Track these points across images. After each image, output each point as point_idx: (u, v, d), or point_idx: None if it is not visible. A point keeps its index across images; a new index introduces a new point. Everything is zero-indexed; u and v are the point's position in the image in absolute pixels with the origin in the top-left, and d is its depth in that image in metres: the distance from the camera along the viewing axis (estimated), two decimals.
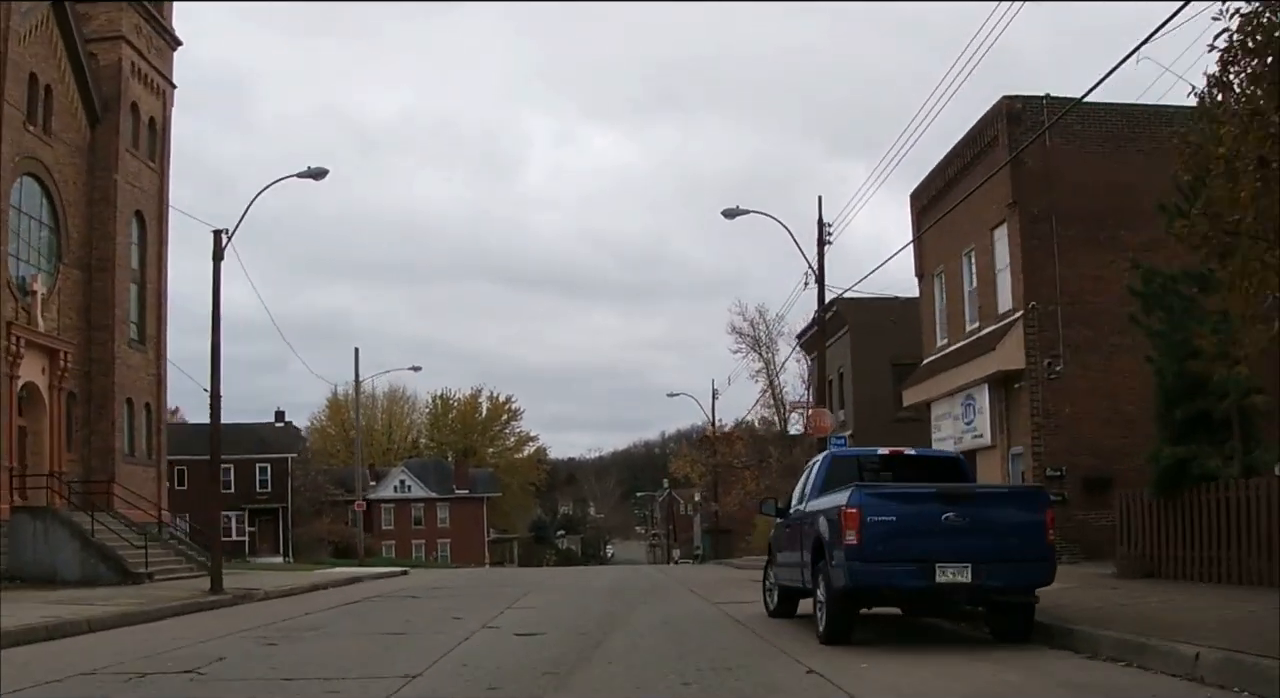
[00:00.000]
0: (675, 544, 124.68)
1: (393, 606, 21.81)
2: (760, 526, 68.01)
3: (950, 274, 29.29)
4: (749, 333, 61.58)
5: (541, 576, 38.00)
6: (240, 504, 77.57)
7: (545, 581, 32.16)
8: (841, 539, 11.87)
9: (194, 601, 23.38)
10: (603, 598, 22.26)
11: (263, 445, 78.71)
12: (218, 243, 27.44)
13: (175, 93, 43.07)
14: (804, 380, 62.24)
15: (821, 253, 30.59)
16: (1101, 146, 25.28)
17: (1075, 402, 24.40)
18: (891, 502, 11.83)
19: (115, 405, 37.62)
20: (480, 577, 38.91)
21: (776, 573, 16.22)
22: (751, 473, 62.30)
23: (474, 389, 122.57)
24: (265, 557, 74.82)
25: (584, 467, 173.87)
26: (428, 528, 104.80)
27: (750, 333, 61.65)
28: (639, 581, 30.51)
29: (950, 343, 29.28)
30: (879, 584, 11.79)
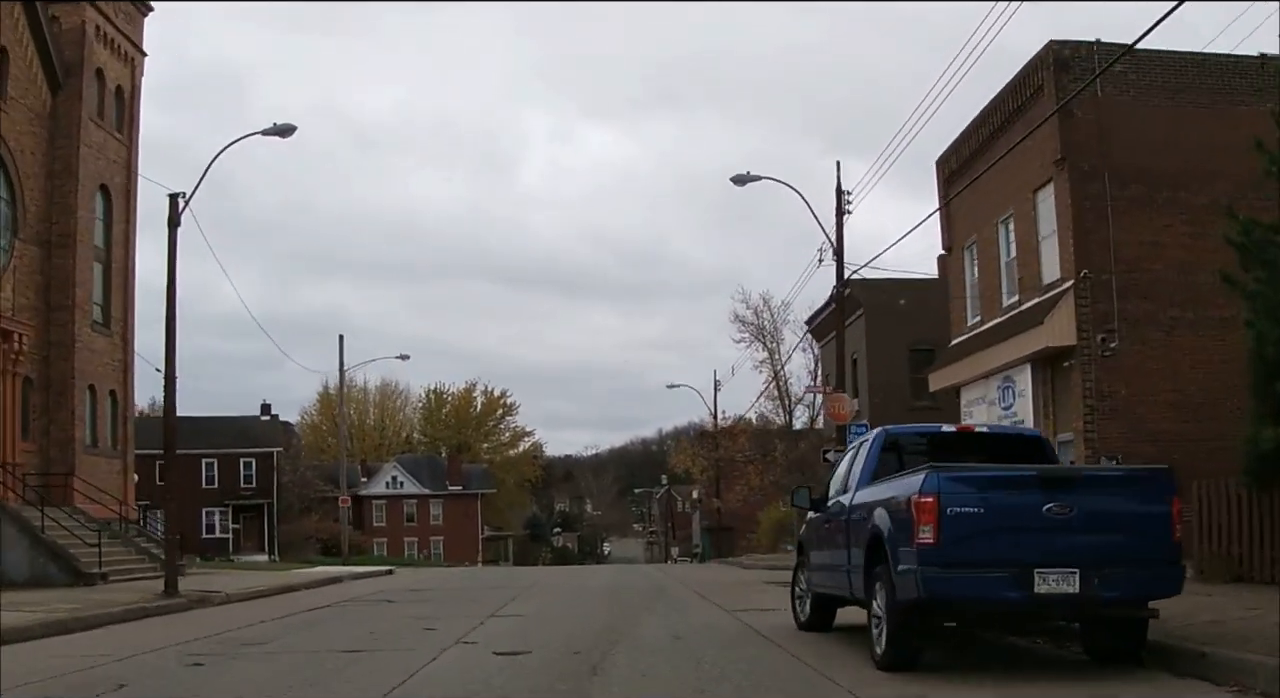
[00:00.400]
0: (674, 542, 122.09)
1: (362, 613, 19.13)
2: (764, 522, 65.38)
3: (984, 245, 26.58)
4: (753, 321, 58.91)
5: (535, 576, 35.35)
6: (223, 500, 74.95)
7: (538, 581, 29.51)
8: (912, 538, 9.18)
9: (140, 606, 20.74)
10: (601, 604, 19.62)
11: (247, 439, 76.01)
12: (174, 208, 24.78)
13: (146, 61, 40.35)
14: (810, 371, 59.59)
15: (840, 223, 27.97)
16: (1158, 98, 22.60)
17: (1131, 382, 21.72)
18: (979, 489, 9.15)
19: (76, 392, 34.88)
20: (470, 577, 36.28)
21: (810, 578, 13.54)
22: (755, 468, 59.59)
23: (468, 383, 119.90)
24: (250, 555, 72.17)
25: (581, 464, 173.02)
26: (420, 525, 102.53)
27: (754, 321, 59.01)
28: (639, 582, 27.87)
29: (984, 321, 26.58)
30: (961, 596, 9.11)
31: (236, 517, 75.69)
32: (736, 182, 28.26)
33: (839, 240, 27.86)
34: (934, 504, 8.99)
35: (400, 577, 37.43)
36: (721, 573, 35.33)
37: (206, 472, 75.05)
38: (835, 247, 27.89)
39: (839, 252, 27.86)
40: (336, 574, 36.48)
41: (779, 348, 58.97)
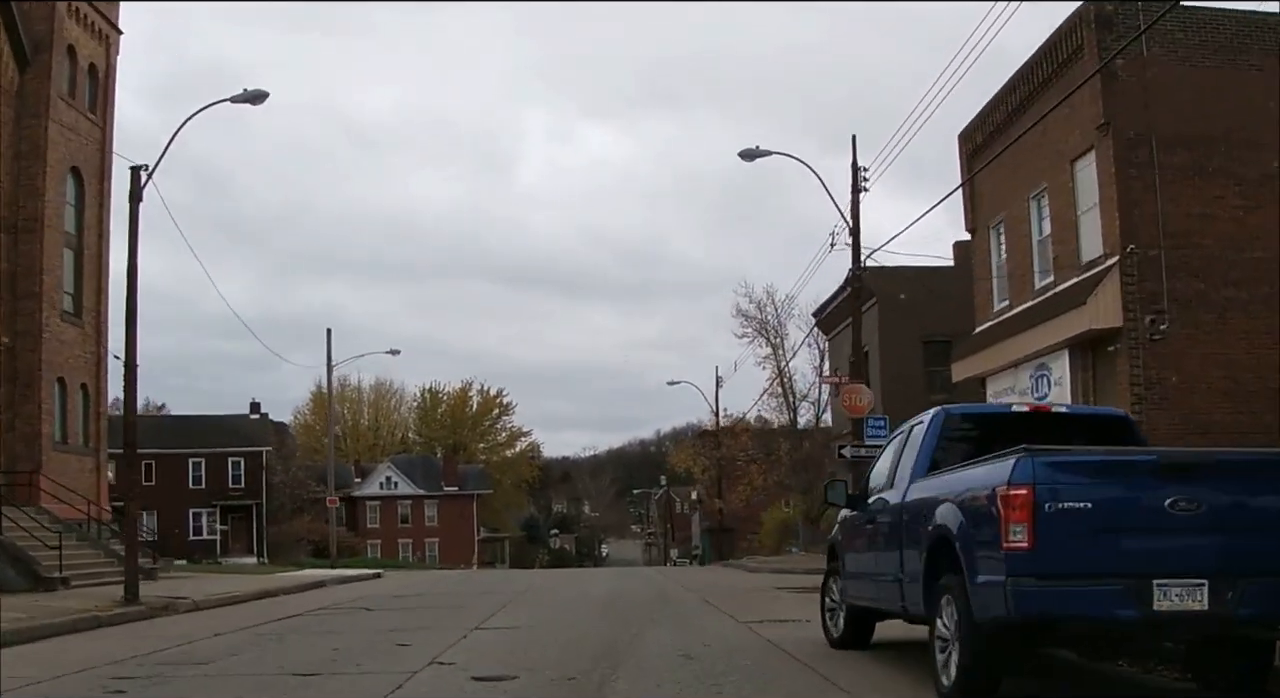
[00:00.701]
0: (673, 544, 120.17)
1: (334, 624, 17.14)
2: (767, 523, 63.42)
3: (1013, 223, 24.62)
4: (756, 316, 56.80)
5: (531, 579, 33.41)
6: (211, 501, 72.90)
7: (533, 586, 27.56)
8: (1000, 539, 7.21)
9: (93, 615, 18.77)
10: (600, 613, 17.66)
11: (236, 439, 73.94)
12: (135, 182, 22.80)
13: (121, 39, 38.42)
14: (815, 367, 57.63)
15: (856, 202, 26.02)
16: (1208, 58, 20.67)
17: (1182, 368, 19.76)
18: (1087, 478, 7.17)
19: (43, 385, 32.90)
20: (462, 581, 34.31)
21: (847, 587, 11.55)
22: (758, 467, 57.59)
23: (464, 382, 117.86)
24: (238, 557, 70.12)
25: (579, 465, 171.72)
26: (415, 527, 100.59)
27: (757, 316, 56.85)
28: (642, 587, 25.90)
29: (1013, 305, 24.62)
30: (1062, 614, 7.13)
31: (225, 518, 73.62)
32: (744, 156, 26.33)
33: (855, 219, 25.92)
34: (1028, 498, 7.04)
35: (388, 581, 35.49)
36: (726, 577, 33.36)
37: (194, 472, 73.03)
38: (851, 226, 25.94)
39: (854, 231, 25.92)
40: (320, 578, 34.56)
41: (783, 343, 56.92)
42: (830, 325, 42.98)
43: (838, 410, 44.19)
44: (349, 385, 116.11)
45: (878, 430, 25.77)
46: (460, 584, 30.73)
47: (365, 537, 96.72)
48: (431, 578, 37.60)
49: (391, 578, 38.07)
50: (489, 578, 36.96)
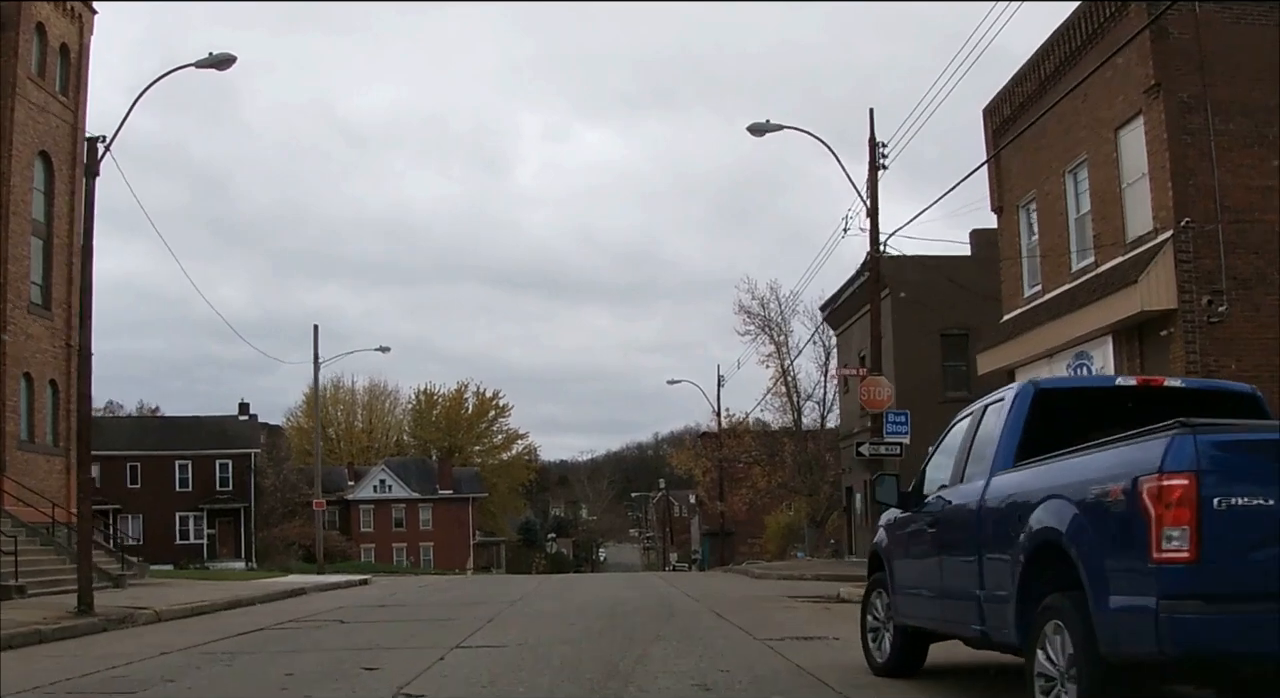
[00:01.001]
0: (672, 547, 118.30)
1: (299, 639, 15.23)
2: (771, 527, 61.53)
3: (1047, 200, 22.70)
4: (759, 312, 54.81)
5: (525, 586, 31.51)
6: (198, 504, 70.91)
7: (528, 594, 25.67)
8: (1147, 547, 5.30)
9: (35, 629, 16.92)
10: (599, 627, 15.74)
11: (224, 440, 71.92)
12: (92, 155, 20.95)
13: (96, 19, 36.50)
14: (820, 365, 55.70)
15: (874, 179, 24.15)
16: (1266, 18, 18.75)
17: (1243, 356, 17.86)
18: (1271, 464, 5.26)
19: (7, 382, 30.97)
20: (452, 587, 32.38)
21: (897, 604, 9.61)
22: (762, 469, 55.67)
23: (460, 384, 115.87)
24: (226, 562, 68.22)
25: (576, 469, 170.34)
26: (409, 530, 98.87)
27: (760, 312, 54.87)
28: (643, 596, 23.99)
29: (1047, 289, 22.70)
30: (1244, 651, 5.22)
31: (212, 521, 71.63)
32: (753, 131, 24.44)
33: (873, 198, 24.02)
34: (1190, 490, 5.14)
35: (374, 588, 33.61)
36: (731, 584, 31.47)
37: (180, 474, 71.03)
38: (869, 206, 24.04)
39: (873, 211, 24.02)
40: (301, 585, 32.61)
41: (787, 341, 54.95)
42: (839, 319, 41.08)
43: (848, 409, 42.30)
44: (342, 387, 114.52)
45: (898, 426, 23.89)
46: (450, 592, 28.82)
47: (359, 541, 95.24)
48: (420, 585, 35.67)
49: (379, 585, 36.18)
50: (481, 585, 35.00)
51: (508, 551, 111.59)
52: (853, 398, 40.35)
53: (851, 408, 40.54)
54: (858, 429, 39.49)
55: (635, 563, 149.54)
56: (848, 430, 41.45)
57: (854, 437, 40.38)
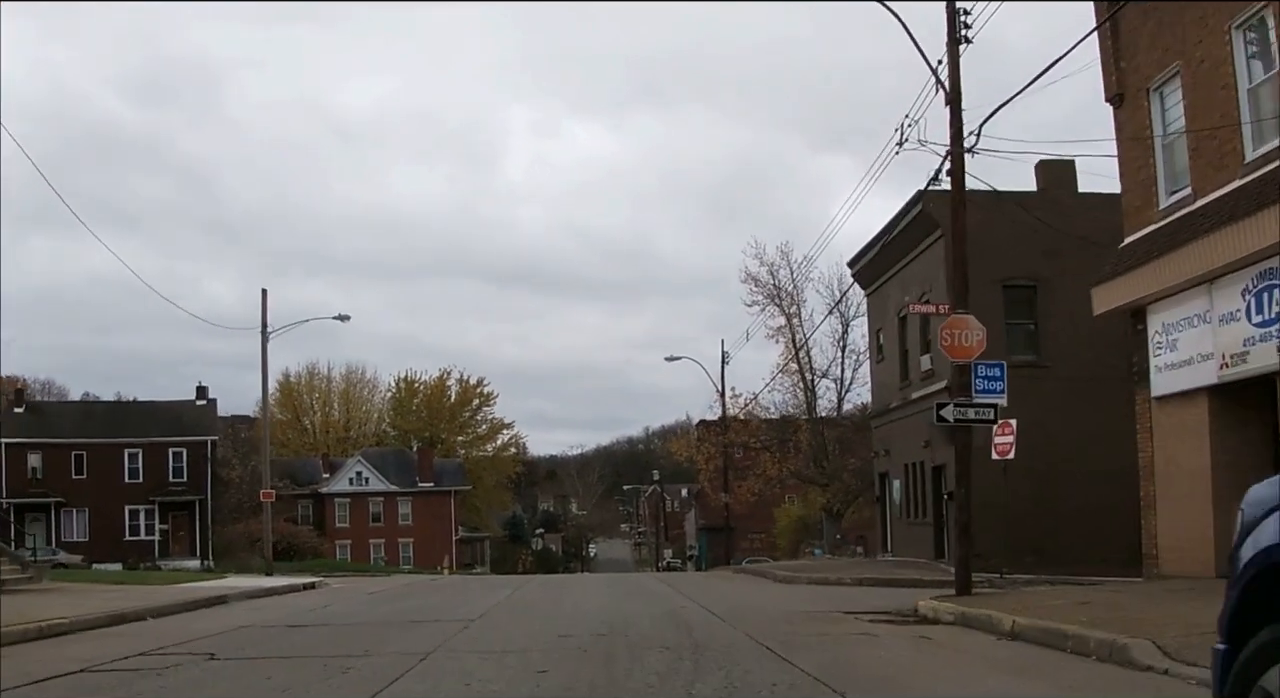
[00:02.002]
0: (665, 543, 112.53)
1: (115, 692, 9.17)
2: (782, 521, 55.47)
3: (1200, 71, 16.63)
4: (768, 280, 48.80)
5: (498, 594, 25.66)
6: (149, 497, 64.62)
7: (496, 607, 19.75)
8: None
9: None
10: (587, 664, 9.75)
11: (178, 427, 65.69)
12: None
13: None
14: (836, 340, 49.64)
15: (955, 55, 18.09)
16: None
17: None
18: None
19: None
20: (409, 595, 26.40)
21: None
22: (772, 456, 49.63)
23: (442, 371, 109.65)
24: (180, 560, 62.11)
25: (566, 463, 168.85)
26: (388, 526, 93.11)
27: (769, 281, 48.87)
28: (649, 610, 18.04)
29: (1201, 192, 16.66)
30: None
31: (165, 516, 65.42)
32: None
33: (953, 81, 17.96)
34: None
35: (317, 595, 27.70)
36: (751, 589, 25.54)
37: (130, 464, 64.83)
38: (949, 90, 17.98)
39: (953, 98, 17.96)
40: (227, 592, 26.52)
41: (800, 312, 48.94)
42: (872, 275, 34.94)
43: (881, 382, 36.20)
44: (318, 374, 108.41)
45: (992, 383, 17.88)
46: (400, 602, 22.78)
47: (333, 537, 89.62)
48: (373, 591, 29.60)
49: (327, 590, 30.19)
50: (449, 590, 28.99)
51: (492, 547, 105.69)
52: (888, 368, 34.33)
53: (888, 381, 34.55)
54: (896, 403, 33.48)
55: (626, 559, 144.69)
56: (881, 406, 35.44)
57: (889, 414, 34.37)
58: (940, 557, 29.63)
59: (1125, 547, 28.86)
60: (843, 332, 48.67)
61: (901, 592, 22.89)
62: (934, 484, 29.82)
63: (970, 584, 17.47)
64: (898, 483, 33.25)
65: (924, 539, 30.58)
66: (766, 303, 49.35)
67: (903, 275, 32.11)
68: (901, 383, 32.74)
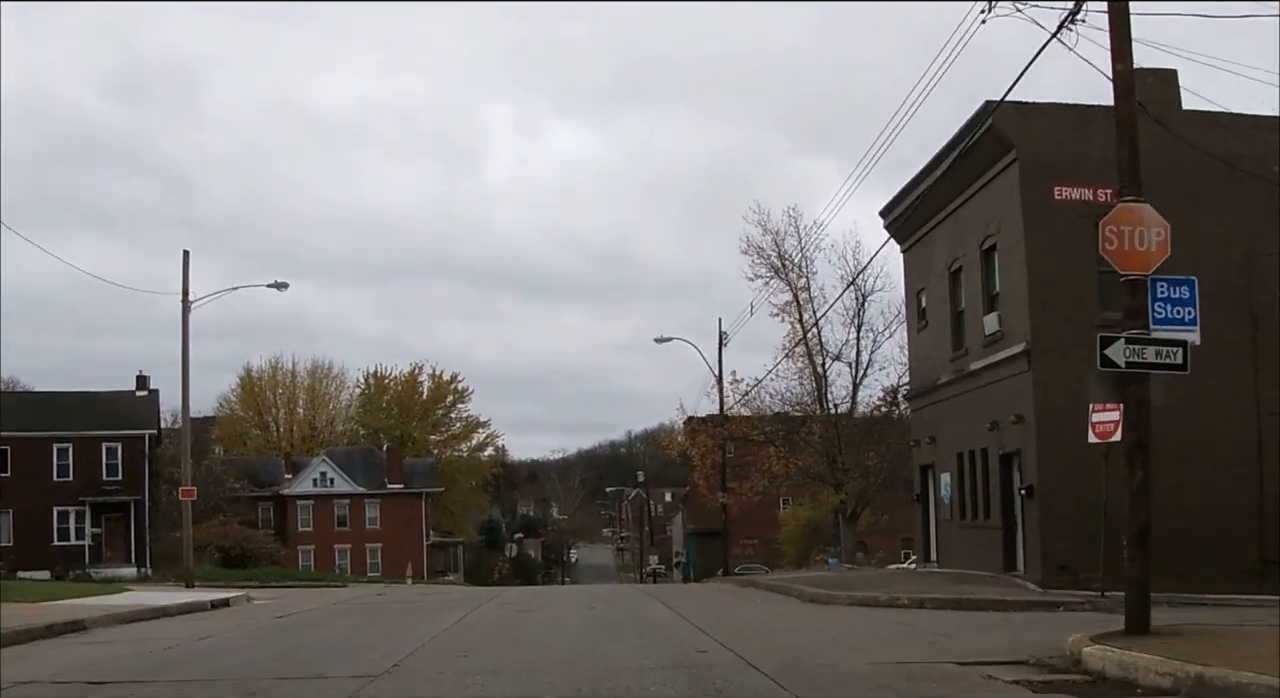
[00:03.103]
0: (651, 548, 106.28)
1: None
2: (790, 525, 49.20)
3: None
4: (773, 250, 42.70)
5: (449, 616, 19.68)
6: (79, 497, 58.00)
7: (440, 639, 14.00)
8: None
9: None
10: None
11: (114, 419, 59.09)
12: None
13: None
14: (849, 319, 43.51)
15: None
16: None
17: None
18: None
19: None
20: (333, 617, 20.35)
21: None
22: (777, 451, 43.46)
23: (413, 366, 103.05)
24: (115, 567, 55.52)
25: (547, 467, 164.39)
26: (354, 530, 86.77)
27: (774, 251, 42.77)
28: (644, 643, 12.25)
29: None
30: None
31: (97, 518, 58.78)
32: None
33: None
34: None
35: (223, 616, 21.98)
36: (776, 611, 19.53)
37: (59, 460, 58.14)
38: None
39: None
40: (92, 614, 20.31)
41: (809, 286, 42.83)
42: (913, 224, 28.54)
43: (922, 353, 29.94)
44: (281, 369, 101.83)
45: (1179, 307, 11.71)
46: (322, 626, 16.72)
47: (296, 542, 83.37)
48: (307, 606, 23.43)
49: (242, 609, 24.21)
50: (396, 609, 22.89)
51: (467, 553, 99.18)
52: (934, 336, 28.20)
53: (933, 352, 28.30)
54: (947, 378, 27.29)
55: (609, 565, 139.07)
56: (925, 383, 29.16)
57: (935, 393, 28.19)
58: (1010, 568, 23.48)
59: (1250, 556, 22.72)
60: (858, 307, 42.61)
61: (994, 619, 16.77)
62: (1003, 477, 23.62)
63: (1148, 617, 11.28)
64: (947, 477, 27.02)
65: (986, 546, 24.45)
66: (770, 276, 43.28)
67: (958, 217, 25.94)
68: (954, 352, 26.59)
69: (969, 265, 25.34)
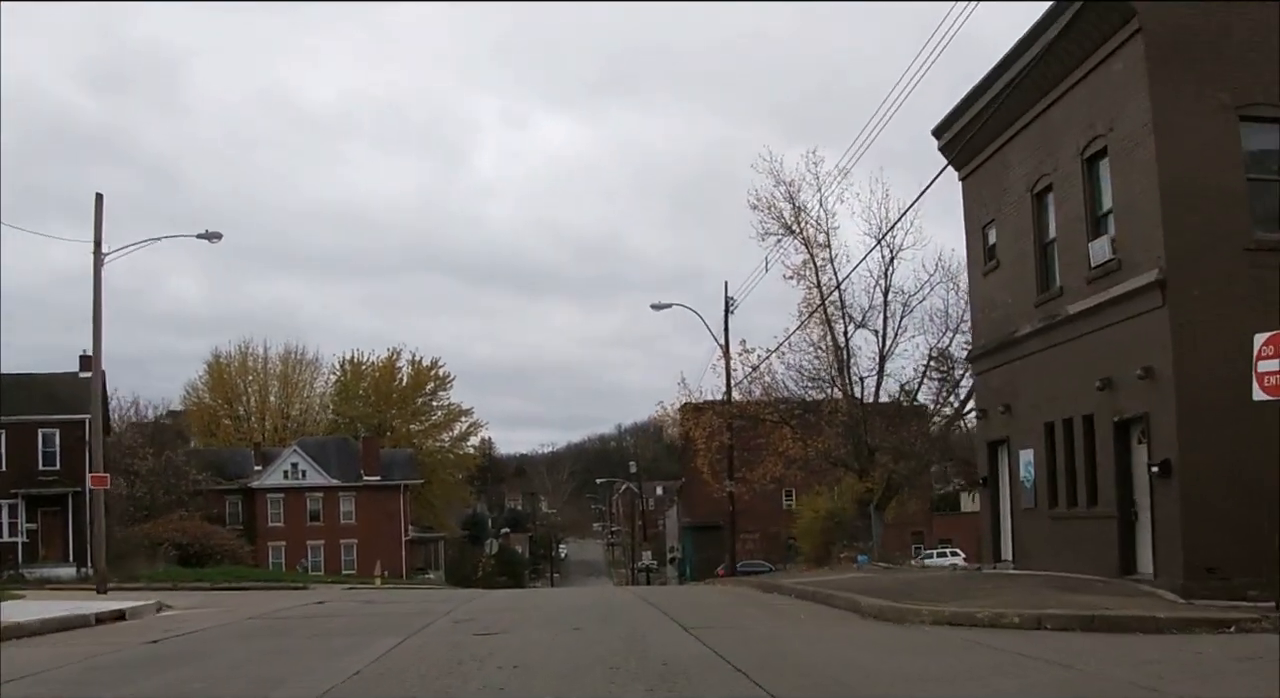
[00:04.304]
0: (643, 543, 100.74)
1: None
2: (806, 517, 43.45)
3: None
4: (787, 203, 37.10)
5: (414, 623, 14.20)
6: (11, 489, 52.25)
7: (377, 671, 8.48)
8: None
9: None
10: None
11: (52, 404, 53.27)
12: None
13: None
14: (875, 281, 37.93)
15: None
16: None
17: None
18: None
19: None
20: (263, 634, 15.29)
21: None
22: (794, 432, 37.87)
23: (391, 350, 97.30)
24: (52, 566, 49.95)
25: (536, 461, 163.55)
26: (327, 525, 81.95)
27: (788, 205, 37.19)
28: None
29: None
30: None
31: (33, 512, 53.05)
32: None
33: None
34: None
35: (99, 635, 16.71)
36: (840, 634, 14.17)
37: None
38: None
39: None
40: None
41: (830, 243, 37.24)
42: (981, 140, 22.57)
43: (992, 302, 24.09)
44: (253, 354, 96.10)
45: None
46: (206, 658, 11.33)
47: (265, 538, 78.70)
48: (227, 619, 17.91)
49: (135, 625, 18.79)
50: (338, 623, 17.59)
51: (449, 549, 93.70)
52: (1008, 278, 22.63)
53: (1007, 298, 22.46)
54: (1029, 328, 21.63)
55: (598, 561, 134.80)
56: (997, 338, 23.34)
57: (1013, 348, 22.57)
58: (1128, 571, 17.90)
59: None
60: (886, 264, 36.98)
61: (1164, 648, 11.33)
62: (1119, 451, 18.01)
63: None
64: (1029, 455, 21.36)
65: (1091, 542, 18.86)
66: (783, 234, 37.67)
67: (1046, 123, 20.26)
68: (1040, 295, 20.94)
69: (1064, 181, 19.73)
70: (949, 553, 62.12)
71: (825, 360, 38.02)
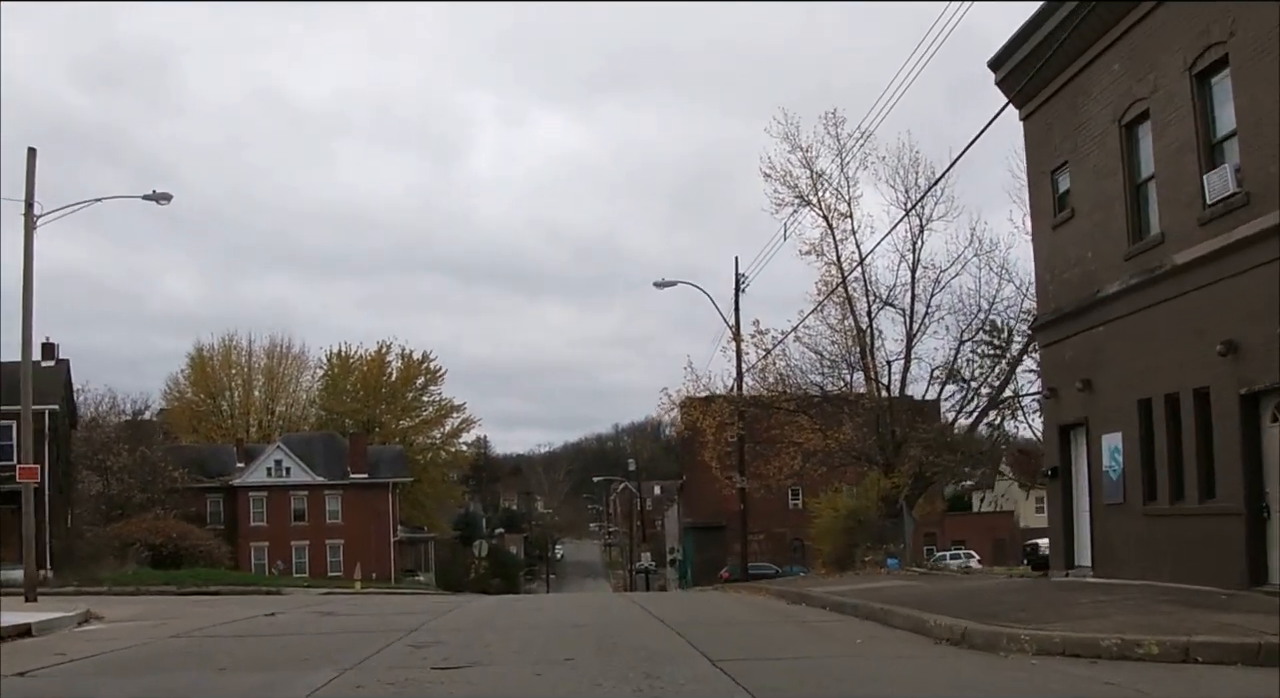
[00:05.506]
0: (642, 544, 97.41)
1: None
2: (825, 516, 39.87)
3: None
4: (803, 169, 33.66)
5: (369, 645, 10.88)
6: None
7: None
8: None
9: None
10: None
11: (9, 393, 49.65)
12: None
13: None
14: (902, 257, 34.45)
15: None
16: None
17: None
18: None
19: None
20: (177, 662, 11.57)
21: None
22: (811, 422, 34.35)
23: (380, 344, 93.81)
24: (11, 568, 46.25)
25: (532, 460, 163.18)
26: (313, 524, 78.97)
27: (805, 169, 33.73)
28: None
29: None
30: None
31: None
32: None
33: None
34: None
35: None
36: (907, 666, 10.60)
37: None
38: None
39: None
40: None
41: (851, 212, 33.75)
42: (1052, 70, 18.76)
43: (1065, 258, 20.40)
44: (237, 348, 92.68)
45: None
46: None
47: (247, 538, 76.01)
48: (142, 638, 14.44)
49: (39, 644, 15.24)
50: (278, 644, 14.27)
51: (440, 550, 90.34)
52: (1085, 228, 19.07)
53: (1085, 253, 18.66)
54: (1117, 286, 18.04)
55: (596, 562, 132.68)
56: (1069, 304, 19.69)
57: (1094, 312, 19.01)
58: (1259, 581, 14.38)
59: None
60: (916, 234, 33.43)
61: None
62: (1245, 431, 14.48)
63: None
64: (1116, 440, 17.76)
65: (1204, 545, 15.33)
66: (799, 205, 34.20)
67: (1133, 41, 16.63)
68: (1133, 246, 17.36)
69: (1165, 105, 16.19)
70: (963, 555, 59.18)
71: (844, 345, 34.58)
